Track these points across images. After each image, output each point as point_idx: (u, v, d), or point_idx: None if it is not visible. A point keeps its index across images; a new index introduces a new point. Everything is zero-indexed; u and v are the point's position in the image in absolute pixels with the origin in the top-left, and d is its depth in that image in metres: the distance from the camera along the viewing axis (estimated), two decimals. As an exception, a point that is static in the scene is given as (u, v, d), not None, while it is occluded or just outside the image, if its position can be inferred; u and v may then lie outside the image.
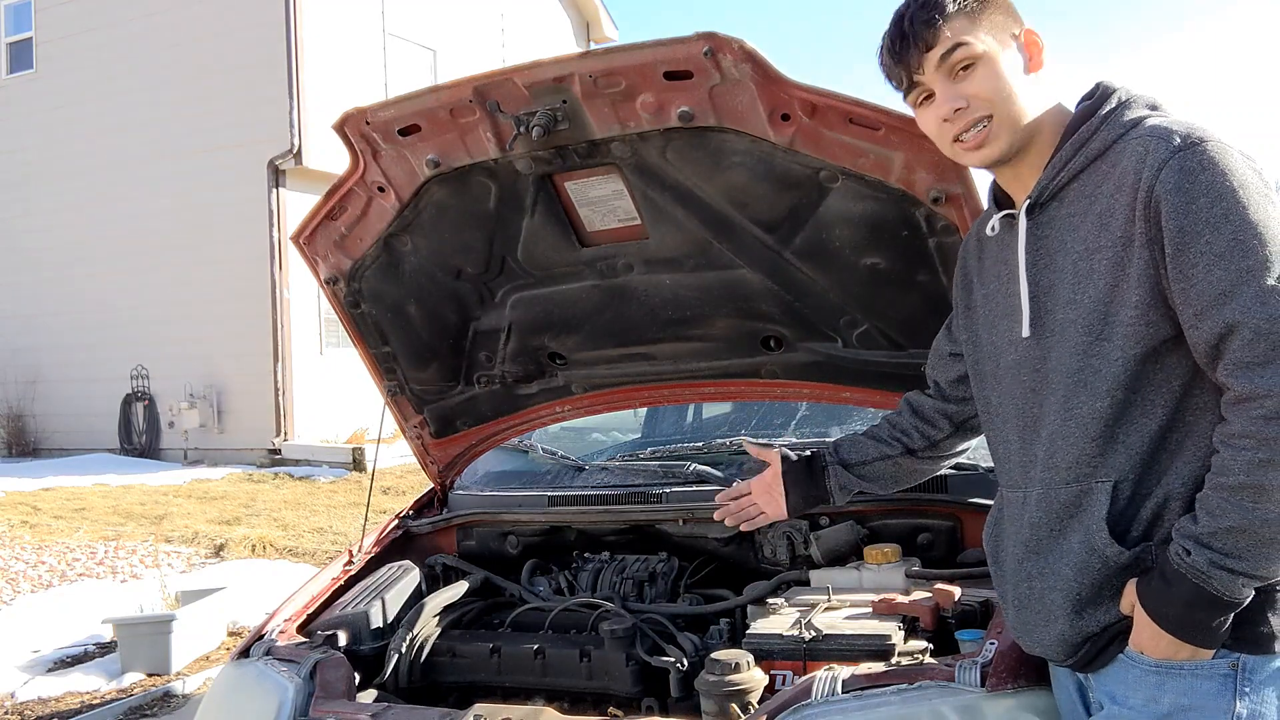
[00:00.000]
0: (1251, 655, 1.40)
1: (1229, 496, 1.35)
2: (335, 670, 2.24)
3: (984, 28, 1.57)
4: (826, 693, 1.80)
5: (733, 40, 1.98)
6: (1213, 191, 1.36)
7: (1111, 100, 1.54)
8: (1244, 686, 1.40)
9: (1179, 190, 1.38)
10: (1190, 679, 1.42)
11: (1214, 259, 1.35)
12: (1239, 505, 1.34)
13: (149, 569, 7.29)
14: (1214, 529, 1.36)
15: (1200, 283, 1.36)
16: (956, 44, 1.56)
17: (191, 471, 12.43)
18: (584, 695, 2.39)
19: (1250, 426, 1.33)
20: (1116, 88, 1.56)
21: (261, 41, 13.24)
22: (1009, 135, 1.58)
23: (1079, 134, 1.53)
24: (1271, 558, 1.35)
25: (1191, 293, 1.37)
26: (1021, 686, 1.70)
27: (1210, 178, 1.37)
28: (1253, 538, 1.34)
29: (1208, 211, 1.36)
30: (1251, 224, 1.34)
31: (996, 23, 1.58)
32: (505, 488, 3.09)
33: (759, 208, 2.26)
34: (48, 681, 5.01)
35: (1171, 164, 1.39)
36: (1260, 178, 1.38)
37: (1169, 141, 1.41)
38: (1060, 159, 1.54)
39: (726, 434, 3.11)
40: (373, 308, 2.77)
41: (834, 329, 2.46)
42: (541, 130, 2.17)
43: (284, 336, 13.31)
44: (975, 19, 1.57)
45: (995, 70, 1.56)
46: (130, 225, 14.09)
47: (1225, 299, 1.34)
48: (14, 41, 15.58)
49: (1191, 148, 1.39)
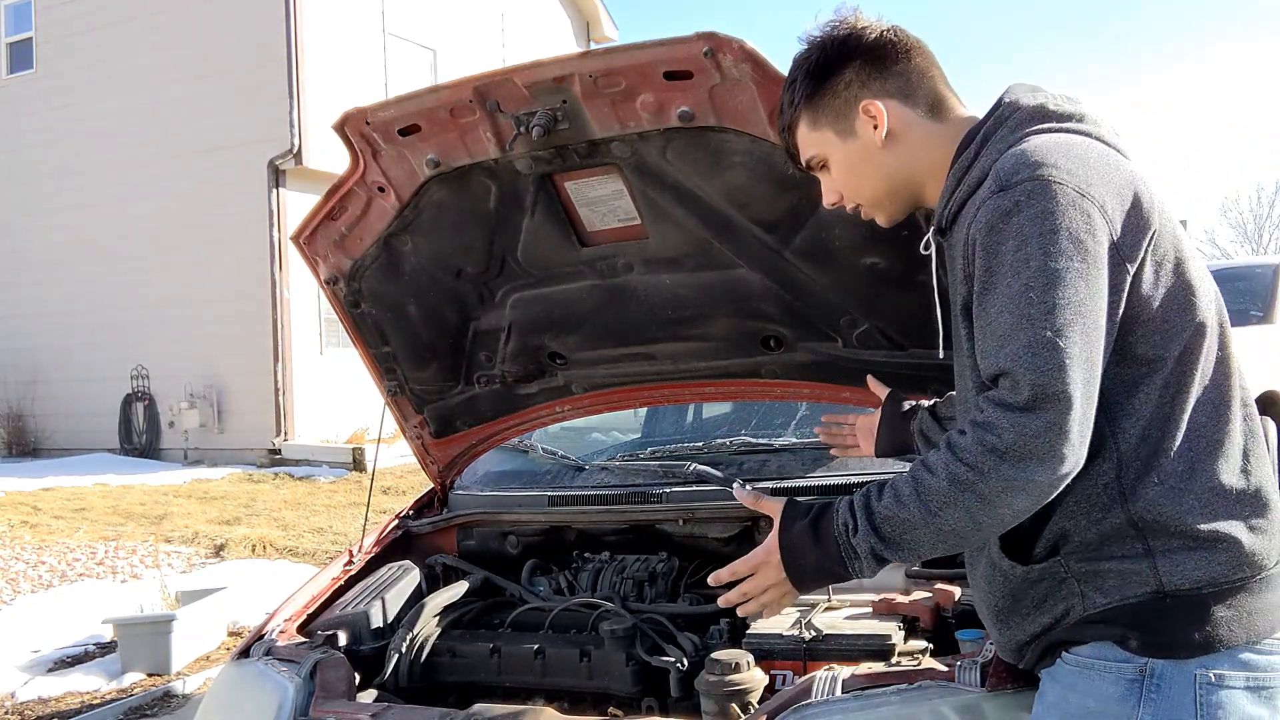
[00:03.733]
0: (1161, 660, 1.38)
1: (920, 494, 1.37)
2: (335, 670, 2.24)
3: (824, 124, 1.60)
4: (826, 693, 1.80)
5: (733, 40, 1.98)
6: (1020, 235, 1.33)
7: (990, 121, 1.51)
8: (1151, 693, 1.38)
9: (990, 230, 1.36)
10: (1099, 680, 1.41)
11: (1006, 302, 1.33)
12: (925, 505, 1.36)
13: (149, 569, 7.29)
14: (891, 515, 1.39)
15: (991, 324, 1.35)
16: (809, 156, 1.64)
17: (191, 471, 12.43)
18: (584, 695, 2.39)
19: (976, 448, 1.32)
20: (1005, 102, 1.52)
21: (261, 41, 13.25)
22: (887, 208, 1.65)
23: (960, 163, 1.51)
24: (915, 551, 1.41)
25: (984, 332, 1.37)
26: (1022, 686, 1.69)
27: (1020, 220, 1.33)
28: (913, 535, 1.38)
29: (1011, 255, 1.33)
30: (1046, 271, 1.30)
31: (835, 111, 1.58)
32: (505, 488, 3.09)
33: (759, 207, 2.27)
34: (48, 681, 5.01)
35: (989, 203, 1.37)
36: (1086, 220, 1.32)
37: (997, 178, 1.38)
38: (947, 188, 1.53)
39: (726, 434, 3.11)
40: (373, 308, 2.76)
41: (834, 329, 2.46)
42: (541, 130, 2.17)
43: (284, 336, 13.31)
44: (813, 119, 1.61)
45: (844, 166, 1.61)
46: (130, 225, 14.09)
47: (1004, 342, 1.32)
48: (14, 41, 15.59)
49: (1012, 187, 1.35)
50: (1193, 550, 1.37)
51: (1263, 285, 6.71)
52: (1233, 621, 1.37)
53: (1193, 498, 1.38)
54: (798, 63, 1.62)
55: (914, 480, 1.38)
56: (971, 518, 1.34)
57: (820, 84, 1.58)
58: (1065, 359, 1.29)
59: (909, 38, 1.59)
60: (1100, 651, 1.42)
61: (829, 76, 1.58)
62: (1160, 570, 1.37)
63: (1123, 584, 1.39)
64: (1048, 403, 1.29)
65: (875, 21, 1.59)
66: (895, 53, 1.57)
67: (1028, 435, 1.29)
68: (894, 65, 1.57)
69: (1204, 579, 1.37)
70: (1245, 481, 1.41)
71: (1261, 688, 1.38)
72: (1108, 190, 1.37)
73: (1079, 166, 1.37)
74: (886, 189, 1.61)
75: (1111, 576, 1.40)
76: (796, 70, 1.62)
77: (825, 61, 1.58)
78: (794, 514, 1.52)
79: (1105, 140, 1.47)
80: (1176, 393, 1.40)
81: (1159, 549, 1.38)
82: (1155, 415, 1.39)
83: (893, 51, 1.57)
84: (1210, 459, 1.40)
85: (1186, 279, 1.42)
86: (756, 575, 1.54)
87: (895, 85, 1.57)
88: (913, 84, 1.58)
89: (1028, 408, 1.29)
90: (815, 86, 1.59)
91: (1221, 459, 1.40)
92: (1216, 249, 33.20)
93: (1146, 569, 1.38)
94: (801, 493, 2.60)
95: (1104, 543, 1.40)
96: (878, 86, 1.56)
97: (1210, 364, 1.43)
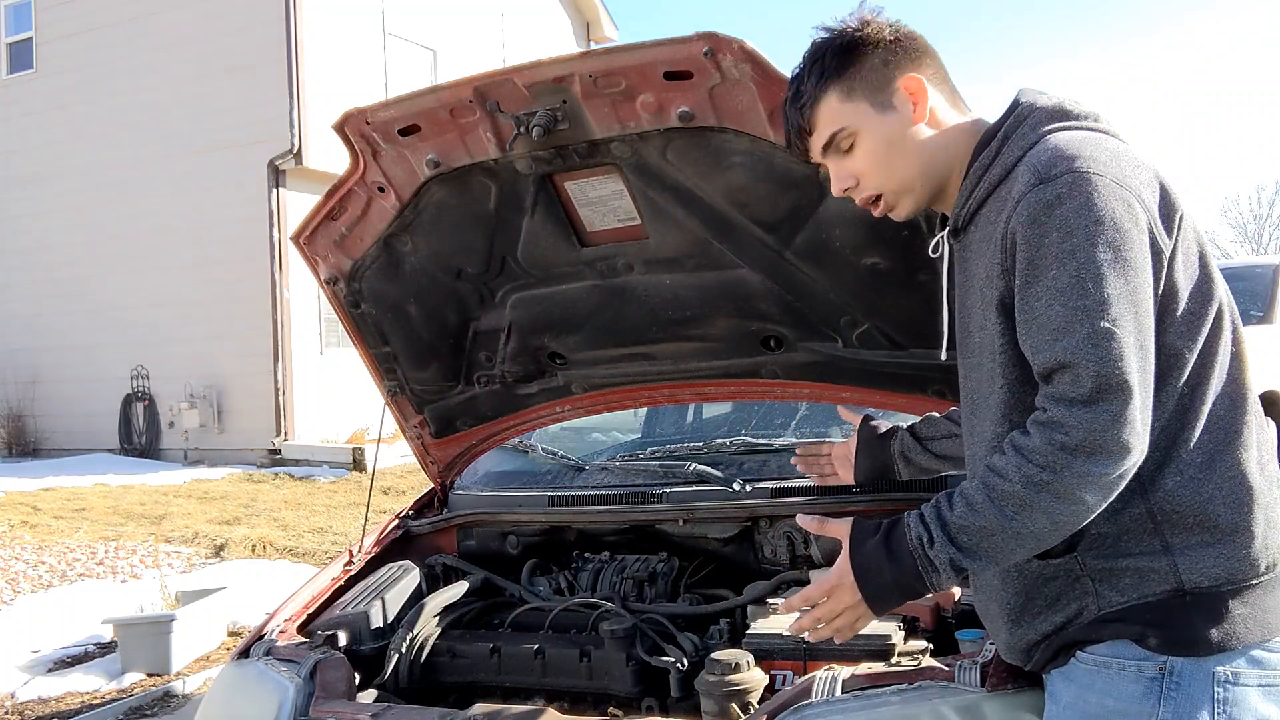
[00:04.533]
0: (1181, 659, 1.39)
1: (995, 499, 1.36)
2: (335, 670, 2.24)
3: (860, 95, 1.54)
4: (826, 693, 1.80)
5: (733, 40, 1.98)
6: (1065, 226, 1.33)
7: (1010, 120, 1.50)
8: (1171, 690, 1.38)
9: (1033, 223, 1.36)
10: (1118, 679, 1.42)
11: (1055, 294, 1.33)
12: (1002, 511, 1.35)
13: (149, 569, 7.29)
14: (967, 524, 1.38)
15: (1040, 316, 1.35)
16: (834, 130, 1.56)
17: (191, 471, 12.43)
18: (584, 695, 2.39)
19: (1046, 447, 1.32)
20: (1022, 103, 1.52)
21: (261, 41, 13.24)
22: (916, 193, 1.59)
23: (980, 161, 1.50)
24: (996, 559, 1.39)
25: (1033, 325, 1.37)
26: (1022, 686, 1.69)
27: (1065, 212, 1.34)
28: (996, 544, 1.37)
29: (1057, 246, 1.33)
30: (1096, 262, 1.31)
31: (870, 84, 1.54)
32: (505, 488, 3.09)
33: (759, 208, 2.27)
34: (48, 681, 5.01)
35: (1029, 196, 1.37)
36: (1128, 209, 1.34)
37: (1034, 171, 1.38)
38: (966, 187, 1.52)
39: (726, 434, 3.11)
40: (373, 308, 2.77)
41: (834, 329, 2.46)
42: (542, 130, 2.17)
43: (284, 336, 13.31)
44: (848, 90, 1.54)
45: (875, 142, 1.55)
46: (130, 225, 14.09)
47: (1060, 335, 1.33)
48: (14, 41, 15.59)
49: (1053, 180, 1.35)
50: (1211, 546, 1.38)
51: (1263, 285, 6.70)
52: (1249, 619, 1.38)
53: (1212, 486, 1.39)
54: (820, 43, 1.58)
55: (985, 487, 1.38)
56: (1050, 518, 1.34)
57: (852, 57, 1.55)
58: (1124, 348, 1.30)
59: (926, 41, 1.60)
60: (1118, 650, 1.42)
61: (858, 51, 1.55)
62: (1180, 568, 1.38)
63: (1140, 582, 1.40)
64: (1110, 393, 1.30)
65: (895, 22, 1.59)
66: (918, 46, 1.58)
67: (1095, 430, 1.30)
68: (921, 55, 1.57)
69: (1223, 576, 1.38)
70: (1262, 474, 1.43)
71: (1273, 685, 1.39)
72: (1140, 181, 1.39)
73: (1112, 160, 1.38)
74: (920, 170, 1.56)
75: (1129, 574, 1.41)
76: (821, 49, 1.57)
77: (853, 40, 1.56)
78: (863, 534, 1.50)
79: (1120, 138, 1.49)
80: (1197, 384, 1.41)
81: (1177, 546, 1.39)
82: (1177, 407, 1.40)
83: (916, 44, 1.57)
84: (1228, 450, 1.41)
85: (1208, 270, 1.44)
86: (830, 600, 1.51)
87: (928, 71, 1.57)
88: (939, 74, 1.59)
89: (1091, 400, 1.30)
90: (846, 60, 1.55)
91: (1241, 449, 1.42)
92: (1217, 249, 33.07)
93: (1165, 566, 1.39)
94: (801, 492, 2.60)
95: (1121, 538, 1.41)
96: (911, 68, 1.55)
97: (1227, 357, 1.45)
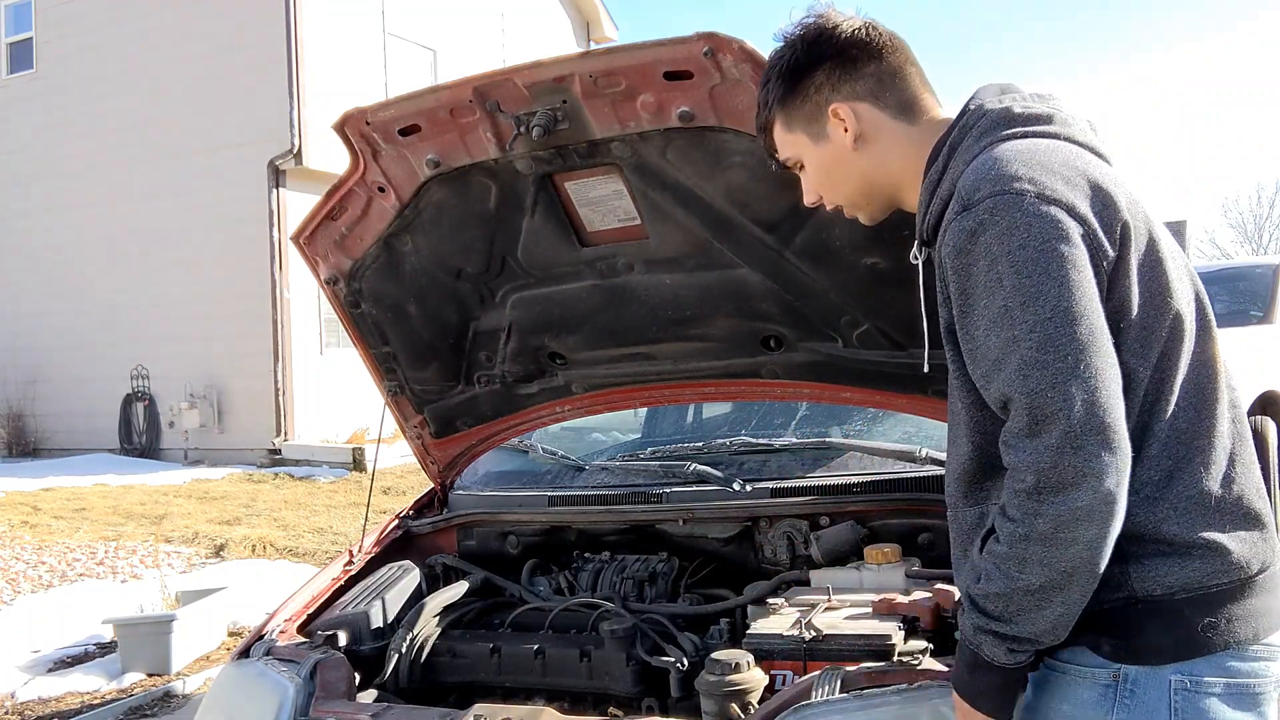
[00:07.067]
0: (1135, 666, 1.37)
1: (998, 564, 1.35)
2: (335, 670, 2.24)
3: (796, 126, 1.60)
4: (826, 693, 1.80)
5: (733, 40, 1.98)
6: (989, 254, 1.31)
7: (956, 131, 1.48)
8: (1125, 698, 1.37)
9: (959, 253, 1.35)
10: (1075, 685, 1.41)
11: (990, 325, 1.32)
12: (1005, 573, 1.34)
13: (149, 569, 7.29)
14: (984, 592, 1.37)
15: (981, 348, 1.34)
16: (785, 156, 1.65)
17: (191, 471, 12.43)
18: (584, 695, 2.39)
19: (1013, 499, 1.31)
20: (970, 109, 1.49)
21: (261, 41, 13.24)
22: (864, 209, 1.66)
23: (930, 177, 1.50)
24: (1034, 620, 1.35)
25: (975, 356, 1.36)
26: (1022, 686, 1.69)
27: (988, 240, 1.31)
28: (1014, 603, 1.34)
29: (984, 275, 1.32)
30: (1021, 289, 1.29)
31: (805, 115, 1.58)
32: (505, 488, 3.09)
33: (759, 207, 2.27)
34: (48, 681, 5.01)
35: (954, 225, 1.35)
36: (1055, 226, 1.30)
37: (959, 198, 1.36)
38: (921, 202, 1.52)
39: (726, 434, 3.11)
40: (373, 308, 2.77)
41: (834, 329, 2.46)
42: (542, 130, 2.17)
43: (284, 336, 13.31)
44: (787, 122, 1.61)
45: (816, 169, 1.62)
46: (130, 225, 14.09)
47: (997, 367, 1.32)
48: (14, 41, 15.60)
49: (975, 205, 1.33)
50: (1167, 556, 1.35)
51: (1263, 285, 6.69)
52: (1210, 628, 1.35)
53: (1167, 506, 1.36)
54: (771, 63, 1.63)
55: (990, 554, 1.37)
56: (1049, 567, 1.30)
57: (792, 86, 1.58)
58: (1054, 374, 1.27)
59: (882, 36, 1.57)
60: (1075, 656, 1.41)
61: (800, 79, 1.57)
62: (1133, 575, 1.36)
63: (1098, 589, 1.36)
64: (1046, 423, 1.27)
65: (849, 19, 1.57)
66: (867, 52, 1.56)
67: (1043, 466, 1.27)
68: (865, 66, 1.55)
69: (1177, 585, 1.35)
70: (1227, 489, 1.39)
71: (1242, 693, 1.36)
72: (1075, 191, 1.34)
73: (1041, 172, 1.34)
74: (861, 190, 1.62)
75: None
76: (770, 71, 1.62)
77: (796, 63, 1.58)
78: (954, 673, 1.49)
79: (1076, 140, 1.44)
80: (1155, 400, 1.38)
81: (1133, 554, 1.36)
82: (1135, 426, 1.35)
83: (865, 51, 1.56)
84: (1188, 467, 1.37)
85: (1162, 280, 1.39)
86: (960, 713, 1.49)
87: (866, 86, 1.56)
88: (884, 85, 1.56)
89: (1031, 433, 1.28)
90: (787, 89, 1.59)
91: (1201, 466, 1.38)
92: (1216, 249, 33.22)
93: (1119, 574, 1.36)
94: (801, 492, 2.60)
95: None
96: (848, 89, 1.56)
97: (1189, 367, 1.40)
